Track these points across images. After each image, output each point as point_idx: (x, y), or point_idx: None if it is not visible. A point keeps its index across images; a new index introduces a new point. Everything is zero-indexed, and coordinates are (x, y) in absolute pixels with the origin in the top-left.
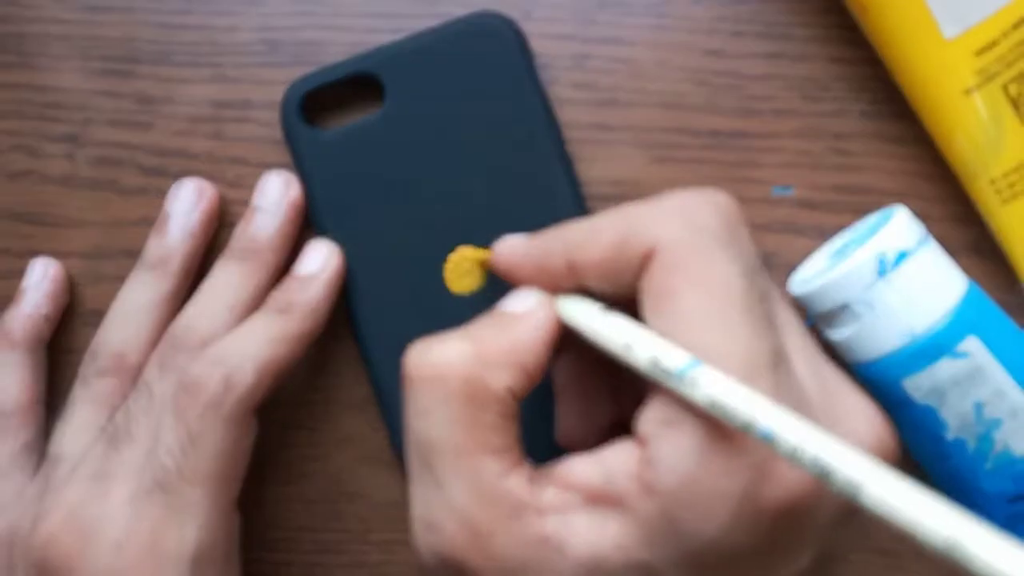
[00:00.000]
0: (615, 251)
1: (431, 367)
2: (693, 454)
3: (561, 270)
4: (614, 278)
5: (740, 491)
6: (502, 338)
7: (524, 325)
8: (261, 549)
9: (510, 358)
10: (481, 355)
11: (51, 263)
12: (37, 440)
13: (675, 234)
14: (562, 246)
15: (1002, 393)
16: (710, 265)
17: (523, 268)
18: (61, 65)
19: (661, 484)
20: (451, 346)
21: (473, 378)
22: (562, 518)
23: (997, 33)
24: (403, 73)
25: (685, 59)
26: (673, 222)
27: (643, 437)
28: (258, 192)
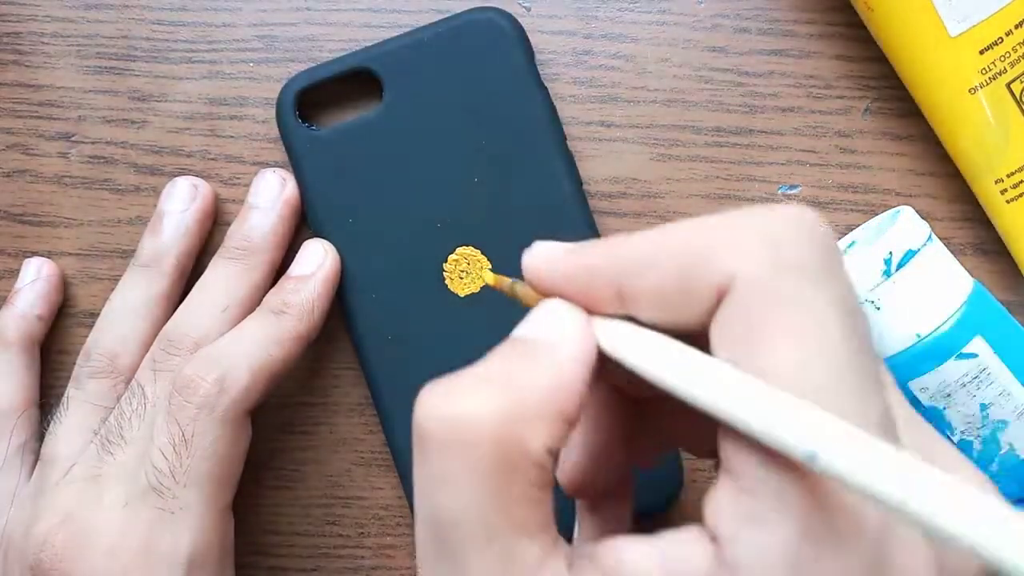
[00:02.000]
0: (679, 281)
1: (453, 424)
2: (785, 560)
3: (608, 296)
4: (674, 312)
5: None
6: (538, 380)
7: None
8: (256, 553)
9: (550, 408)
10: (516, 406)
11: (45, 263)
12: (31, 441)
13: (758, 268)
14: (613, 269)
15: (1008, 394)
16: (805, 311)
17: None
18: (56, 63)
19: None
20: (478, 396)
21: (507, 439)
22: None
23: (1001, 31)
24: (401, 69)
25: (687, 56)
26: (755, 251)
27: (717, 532)
28: (253, 190)
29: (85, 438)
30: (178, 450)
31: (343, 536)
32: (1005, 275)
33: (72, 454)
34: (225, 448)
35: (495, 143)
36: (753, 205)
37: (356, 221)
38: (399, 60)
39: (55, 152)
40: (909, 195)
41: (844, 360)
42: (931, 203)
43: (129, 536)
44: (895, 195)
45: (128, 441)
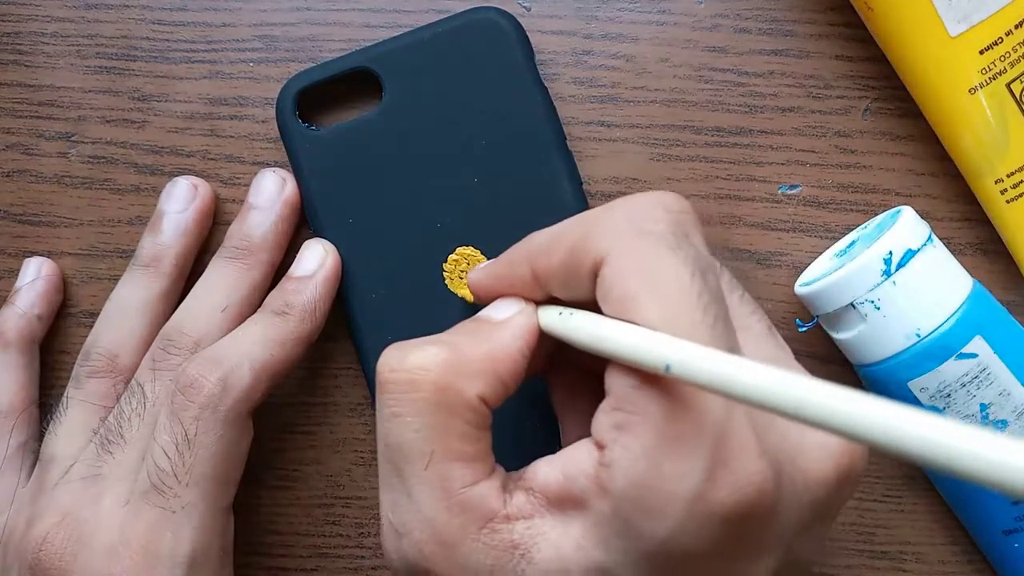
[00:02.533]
0: (569, 258)
1: (405, 372)
2: (644, 456)
3: (528, 281)
4: (572, 286)
5: (689, 493)
6: (479, 346)
7: (502, 333)
8: (256, 553)
9: (485, 366)
10: (456, 362)
11: (45, 262)
12: (31, 441)
13: (623, 241)
14: (525, 256)
15: (1008, 394)
16: (660, 270)
17: (494, 287)
18: (56, 63)
19: (614, 485)
20: (426, 351)
21: (446, 385)
22: (528, 523)
23: (1001, 31)
24: (401, 69)
25: (687, 56)
26: (621, 228)
27: (599, 440)
28: (253, 190)
29: (85, 438)
30: (180, 449)
31: (343, 536)
32: (1005, 275)
33: (72, 454)
34: (227, 448)
35: (495, 143)
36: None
37: (356, 221)
38: (399, 60)
39: (55, 152)
40: (909, 195)
41: (694, 305)
42: (931, 203)
43: (129, 535)
44: (895, 195)
45: (128, 440)
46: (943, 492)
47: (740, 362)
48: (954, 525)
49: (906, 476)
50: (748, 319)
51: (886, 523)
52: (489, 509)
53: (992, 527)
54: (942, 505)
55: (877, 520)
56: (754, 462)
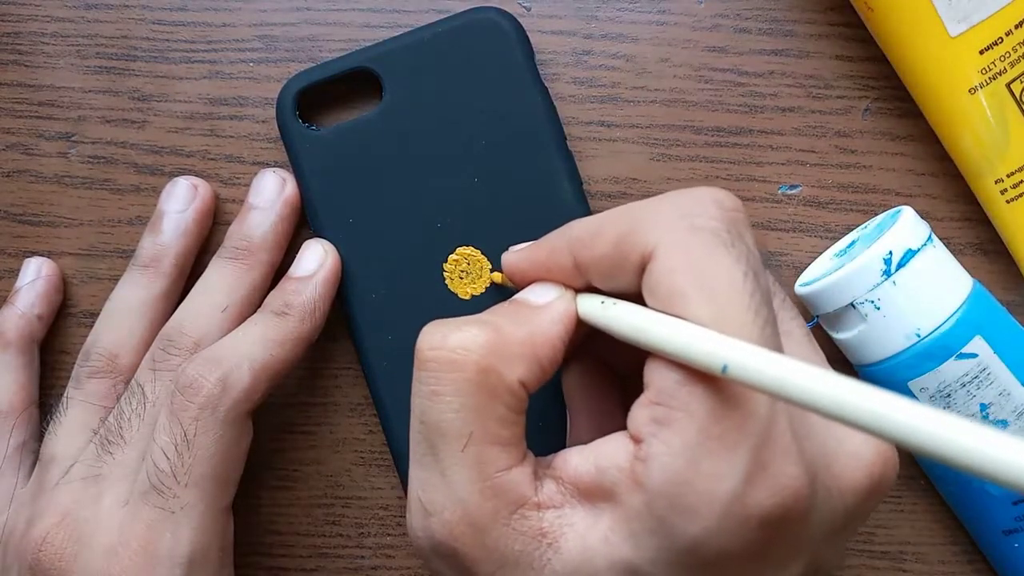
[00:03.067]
0: (615, 250)
1: (447, 351)
2: (684, 453)
3: (568, 268)
4: (615, 277)
5: (728, 493)
6: (520, 329)
7: (543, 317)
8: (256, 553)
9: (527, 350)
10: (499, 344)
11: (45, 262)
12: (31, 441)
13: (675, 235)
14: (567, 244)
15: (1008, 394)
16: (713, 267)
17: (531, 272)
18: (56, 63)
19: (650, 480)
20: (469, 332)
21: (488, 368)
22: (559, 512)
23: (1001, 31)
24: (401, 69)
25: (687, 56)
26: (673, 222)
27: (636, 434)
28: (253, 190)
29: (84, 438)
30: (180, 450)
31: (343, 536)
32: (1005, 275)
33: (71, 454)
34: (226, 448)
35: (495, 143)
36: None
37: (356, 221)
38: (399, 60)
39: (55, 152)
40: (909, 195)
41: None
42: (931, 203)
43: (129, 535)
44: (895, 195)
45: (128, 441)
46: (943, 492)
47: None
48: (954, 525)
49: (906, 476)
50: (790, 324)
51: (886, 523)
52: (521, 495)
53: (992, 527)
54: (942, 505)
55: (877, 520)
56: (793, 466)
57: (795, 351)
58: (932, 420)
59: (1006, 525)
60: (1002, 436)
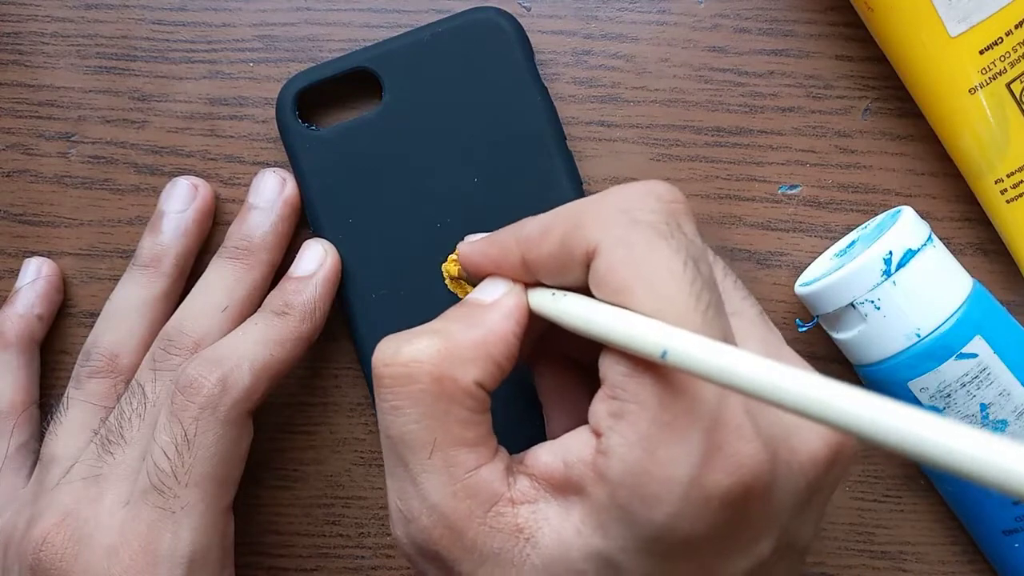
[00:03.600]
0: (561, 248)
1: (400, 365)
2: (639, 443)
3: (517, 267)
4: (563, 275)
5: (685, 477)
6: (471, 331)
7: (493, 315)
8: (256, 553)
9: (479, 351)
10: (450, 350)
11: (45, 262)
12: (31, 441)
13: (616, 231)
14: (515, 243)
15: (1008, 394)
16: (653, 260)
17: (483, 266)
18: (56, 63)
19: (610, 472)
20: (419, 343)
21: (442, 375)
22: (534, 507)
23: (1001, 31)
24: (401, 69)
25: (687, 56)
26: (614, 218)
27: (596, 427)
28: (253, 190)
29: (85, 438)
30: (180, 450)
31: (343, 536)
32: (1005, 275)
33: (72, 454)
34: (227, 448)
35: (495, 143)
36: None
37: (356, 221)
38: (399, 60)
39: (55, 152)
40: (909, 195)
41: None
42: (931, 203)
43: (129, 535)
44: (895, 195)
45: (128, 441)
46: (943, 492)
47: (733, 351)
48: (954, 525)
49: (906, 476)
50: (741, 304)
51: (886, 523)
52: (494, 492)
53: (992, 527)
54: (942, 505)
55: (877, 520)
56: (748, 444)
57: (746, 330)
58: (867, 404)
59: (1006, 525)
60: (922, 413)
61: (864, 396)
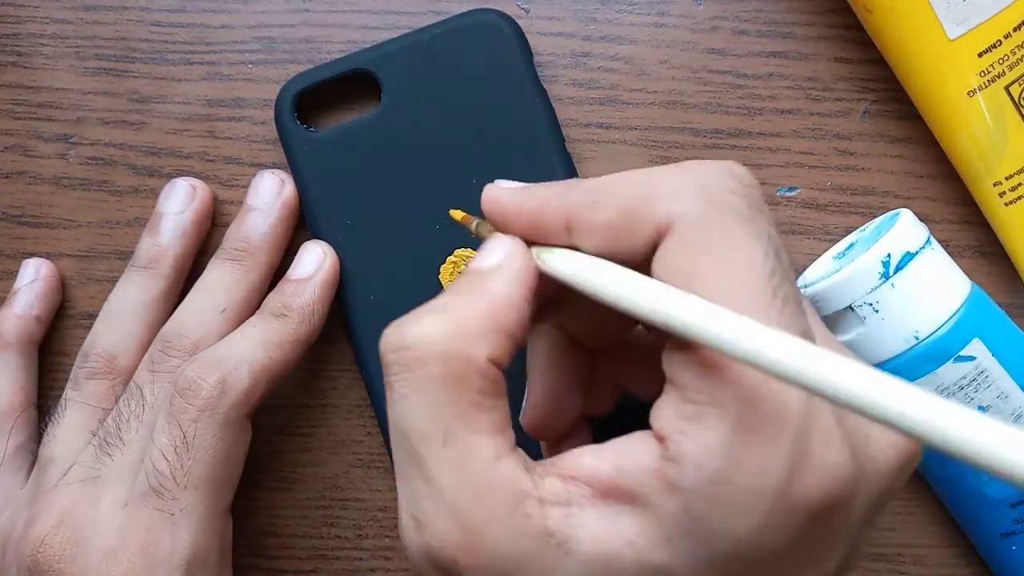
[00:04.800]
0: (625, 218)
1: (407, 349)
2: (721, 450)
3: (558, 228)
4: (619, 245)
5: (774, 488)
6: (476, 303)
7: (497, 282)
8: (254, 555)
9: (488, 323)
10: (457, 327)
11: (43, 263)
12: (30, 442)
13: (695, 209)
14: (562, 203)
15: (1006, 397)
16: (734, 245)
17: (517, 220)
18: (54, 64)
19: (685, 481)
20: (425, 323)
21: (452, 354)
22: (567, 511)
23: (999, 34)
24: (400, 71)
25: (686, 58)
26: (692, 196)
27: (662, 433)
28: (251, 191)
29: (83, 439)
30: (179, 452)
31: (341, 538)
32: (1003, 278)
33: (70, 455)
34: (225, 450)
35: (494, 144)
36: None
37: (355, 223)
38: (397, 62)
39: (54, 153)
40: (907, 197)
41: (767, 286)
42: (929, 205)
43: (128, 537)
44: (893, 197)
45: (127, 443)
46: (941, 495)
47: (826, 354)
48: (952, 528)
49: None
50: (806, 303)
51: (885, 526)
52: (519, 490)
53: (990, 530)
54: (940, 508)
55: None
56: (838, 452)
57: (823, 334)
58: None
59: (1004, 528)
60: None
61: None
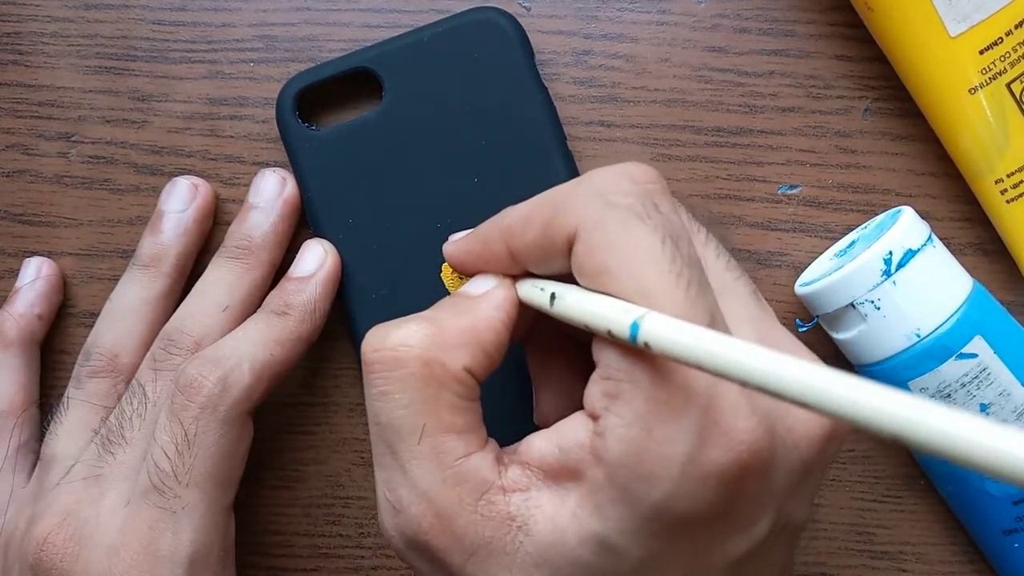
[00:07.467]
0: (543, 236)
1: (388, 350)
2: (636, 423)
3: (504, 258)
4: (547, 262)
5: (683, 455)
6: (460, 319)
7: (482, 305)
8: (256, 553)
9: (468, 338)
10: (439, 335)
11: (45, 262)
12: (32, 441)
13: (593, 215)
14: (499, 234)
15: (1008, 394)
16: (631, 241)
17: (470, 263)
18: (56, 63)
19: (608, 453)
20: (408, 328)
21: (431, 359)
22: (525, 495)
23: (1001, 31)
24: (401, 69)
25: (687, 56)
26: (591, 202)
27: (591, 410)
28: (253, 190)
29: (85, 438)
30: (180, 449)
31: (343, 536)
32: (1005, 275)
33: (72, 454)
34: (227, 448)
35: (495, 143)
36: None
37: (356, 221)
38: (399, 60)
39: (55, 152)
40: (909, 195)
41: (666, 272)
42: (931, 203)
43: (130, 535)
44: (895, 195)
45: (129, 441)
46: (943, 492)
47: (710, 334)
48: (954, 525)
49: (906, 476)
50: (733, 283)
51: (886, 523)
52: (484, 480)
53: (992, 527)
54: (942, 505)
55: (877, 520)
56: (745, 420)
57: (737, 310)
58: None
59: (1006, 525)
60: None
61: (849, 380)
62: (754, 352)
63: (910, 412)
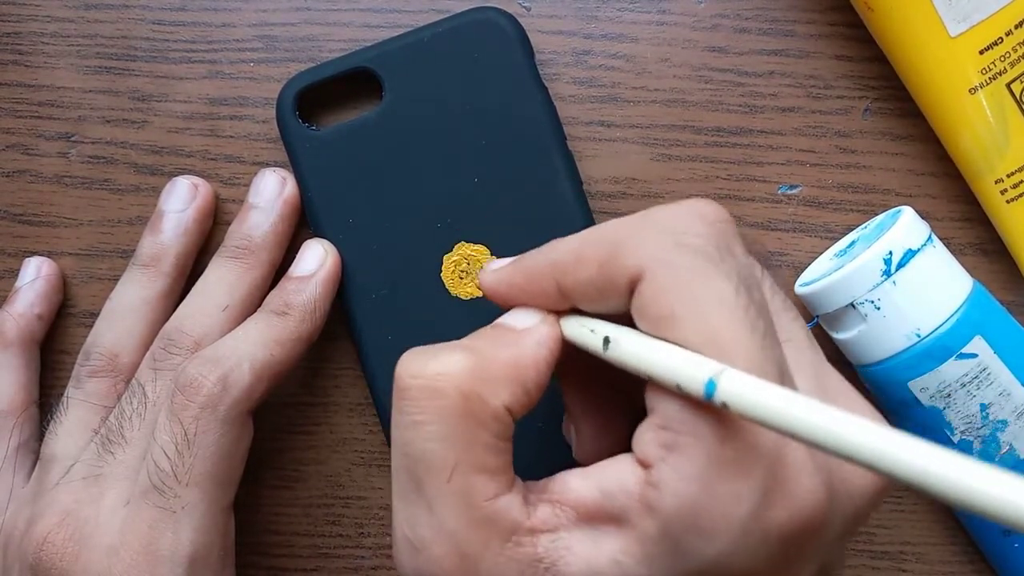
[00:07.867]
0: (600, 274)
1: (427, 378)
2: (697, 478)
3: (552, 294)
4: (603, 301)
5: (745, 515)
6: (503, 353)
7: (526, 341)
8: (256, 553)
9: (510, 374)
10: (481, 369)
11: (45, 262)
12: (32, 440)
13: (662, 256)
14: (549, 269)
15: (1008, 394)
16: (703, 286)
17: (513, 297)
18: (56, 63)
19: (663, 505)
20: (450, 357)
21: (471, 393)
22: (554, 536)
23: (1001, 31)
24: (401, 69)
25: (687, 56)
26: (659, 242)
27: (643, 458)
28: (253, 190)
29: (85, 437)
30: (180, 449)
31: (343, 536)
32: (1005, 275)
33: (72, 453)
34: (227, 448)
35: (495, 143)
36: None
37: (356, 221)
38: (399, 60)
39: (55, 152)
40: (909, 195)
41: (739, 323)
42: (931, 203)
43: (130, 535)
44: (895, 195)
45: (129, 440)
46: None
47: (789, 397)
48: (954, 525)
49: None
50: (790, 328)
51: (886, 523)
52: (513, 522)
53: (992, 528)
54: (942, 505)
55: (877, 520)
56: (810, 479)
57: (799, 359)
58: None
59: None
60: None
61: (922, 448)
62: (834, 417)
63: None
